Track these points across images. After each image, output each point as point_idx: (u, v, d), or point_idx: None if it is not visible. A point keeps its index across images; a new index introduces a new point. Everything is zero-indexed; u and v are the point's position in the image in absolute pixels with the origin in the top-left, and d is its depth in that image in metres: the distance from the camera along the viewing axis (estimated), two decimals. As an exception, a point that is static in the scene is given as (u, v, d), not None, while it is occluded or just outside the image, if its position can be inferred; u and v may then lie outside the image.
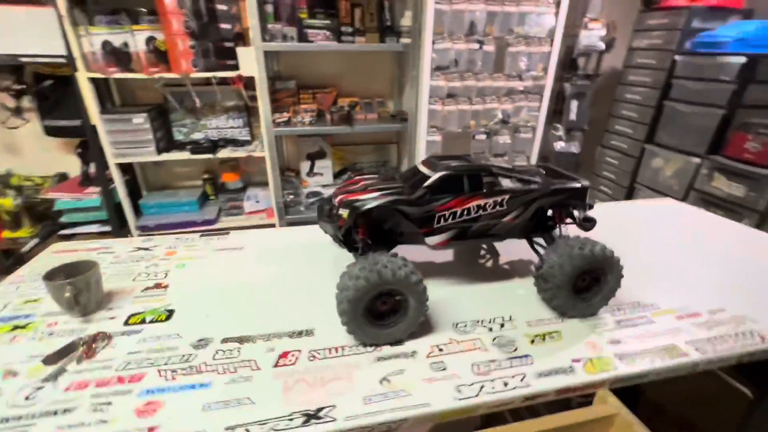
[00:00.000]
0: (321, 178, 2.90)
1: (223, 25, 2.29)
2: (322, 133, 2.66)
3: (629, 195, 2.58)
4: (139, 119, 2.31)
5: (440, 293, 0.96)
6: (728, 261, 1.16)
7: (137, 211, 2.60)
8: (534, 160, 2.82)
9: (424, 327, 0.84)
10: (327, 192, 2.79)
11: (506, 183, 0.93)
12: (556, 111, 2.88)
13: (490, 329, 0.86)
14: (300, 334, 0.83)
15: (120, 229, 2.46)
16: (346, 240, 0.94)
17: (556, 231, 1.01)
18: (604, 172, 2.80)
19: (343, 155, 3.05)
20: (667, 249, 1.23)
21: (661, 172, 2.29)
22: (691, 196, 2.13)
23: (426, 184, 0.87)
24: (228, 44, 2.29)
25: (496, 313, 0.91)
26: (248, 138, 2.68)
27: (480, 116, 2.62)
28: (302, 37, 2.35)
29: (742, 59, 1.90)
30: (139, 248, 1.17)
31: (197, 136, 2.61)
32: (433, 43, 2.28)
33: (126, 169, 2.51)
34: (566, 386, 0.71)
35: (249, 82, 2.33)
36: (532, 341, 0.82)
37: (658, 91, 2.30)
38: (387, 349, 0.79)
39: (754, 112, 1.88)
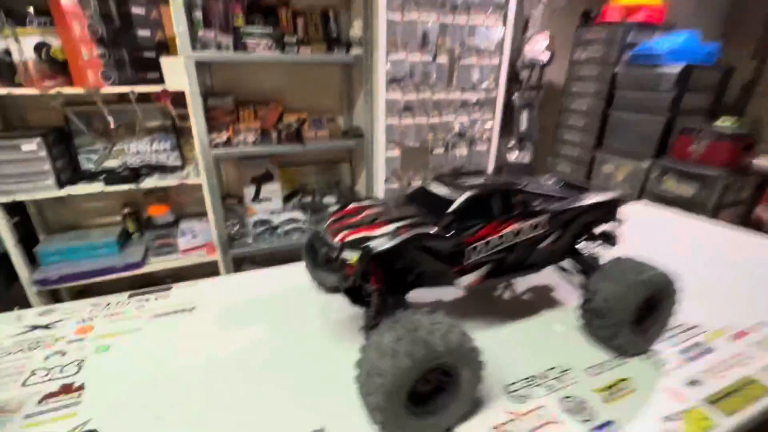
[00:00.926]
0: (269, 204, 2.59)
1: (141, 32, 1.93)
2: (270, 154, 2.37)
3: (583, 201, 2.66)
4: (31, 146, 1.83)
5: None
6: (728, 265, 1.12)
7: (33, 261, 2.06)
8: (489, 172, 2.80)
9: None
10: (277, 219, 2.48)
11: (537, 202, 0.77)
12: (507, 123, 2.91)
13: (550, 388, 0.68)
14: (306, 443, 0.57)
15: (6, 288, 1.91)
16: (350, 290, 0.71)
17: (586, 252, 0.87)
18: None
19: (292, 177, 2.77)
20: (667, 257, 1.16)
21: (613, 177, 2.37)
22: (644, 198, 2.22)
23: (452, 209, 0.68)
24: (148, 54, 1.93)
25: (546, 362, 0.74)
26: (178, 163, 2.29)
27: (437, 130, 2.53)
28: (239, 47, 2.07)
29: (678, 68, 2.03)
30: (34, 326, 0.82)
31: (112, 163, 2.17)
32: (387, 54, 2.15)
33: (14, 209, 1.97)
34: (674, 463, 0.55)
35: (177, 98, 1.97)
36: (605, 398, 0.66)
37: (602, 101, 2.40)
38: (435, 448, 0.57)
39: (692, 118, 2.00)
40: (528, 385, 0.68)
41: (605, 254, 0.86)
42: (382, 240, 0.63)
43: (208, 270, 2.51)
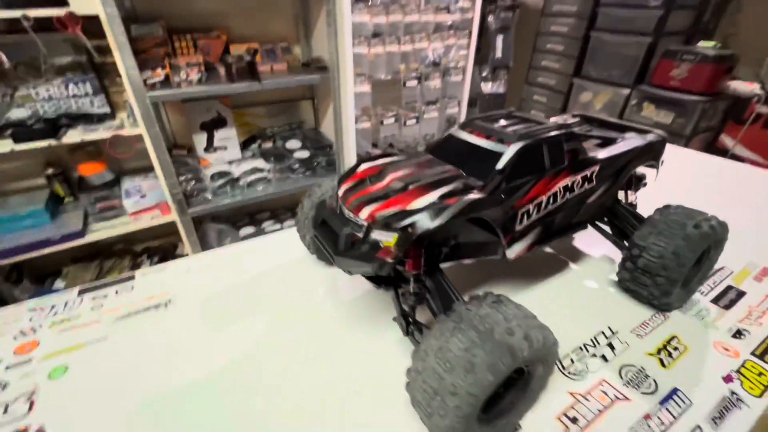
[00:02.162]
0: (225, 153, 2.29)
1: (21, -70, 1.43)
2: (219, 94, 2.03)
3: (558, 132, 2.60)
4: None
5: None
6: (722, 195, 1.11)
7: (-61, 242, 1.71)
8: (464, 104, 2.64)
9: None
10: (237, 169, 2.21)
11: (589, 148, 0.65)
12: (480, 50, 2.69)
13: (604, 358, 0.62)
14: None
15: None
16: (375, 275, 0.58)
17: (625, 201, 0.79)
18: (533, 111, 2.77)
19: (246, 120, 2.45)
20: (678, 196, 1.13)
21: (591, 106, 2.31)
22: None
23: (501, 164, 0.54)
24: (38, -37, 1.46)
25: (590, 327, 0.67)
26: (106, 110, 1.91)
27: (410, 59, 2.28)
28: (164, -46, 1.62)
29: (666, -17, 1.89)
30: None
31: (19, 113, 1.75)
32: (352, -36, 1.80)
33: None
34: (751, 426, 0.52)
35: (91, 27, 1.55)
36: (662, 362, 0.61)
37: (585, 21, 2.23)
38: (506, 452, 0.49)
39: (674, 40, 1.91)
40: (581, 357, 0.62)
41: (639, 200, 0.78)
42: (425, 215, 0.48)
43: (165, 231, 2.26)
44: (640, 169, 0.81)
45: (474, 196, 0.51)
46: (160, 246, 2.43)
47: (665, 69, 1.98)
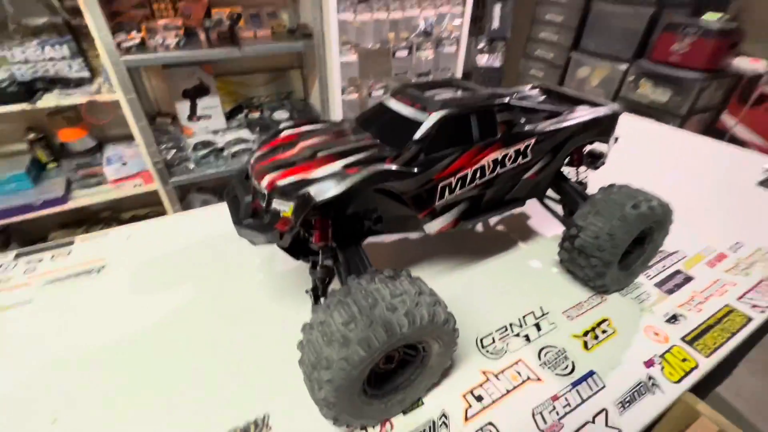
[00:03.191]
0: (209, 122, 2.26)
1: None
2: (198, 60, 1.97)
3: (554, 109, 2.51)
4: None
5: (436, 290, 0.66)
6: (709, 181, 1.06)
7: None
8: (459, 77, 2.54)
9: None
10: (221, 139, 2.18)
11: (524, 120, 0.61)
12: (476, 20, 2.56)
13: (527, 338, 0.60)
14: (248, 432, 0.47)
15: None
16: (291, 245, 0.56)
17: (573, 177, 0.75)
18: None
19: (232, 89, 2.40)
20: (646, 177, 1.08)
21: (587, 82, 2.21)
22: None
23: (419, 135, 0.51)
24: None
25: (523, 306, 0.66)
26: (85, 74, 1.87)
27: (399, 27, 2.18)
28: None
29: (673, -52, 1.75)
30: None
31: (-6, 75, 1.72)
32: None
33: None
34: (659, 414, 0.51)
35: (59, -16, 1.50)
36: (585, 344, 0.60)
37: (586, -10, 2.11)
38: (401, 427, 0.49)
39: (678, 12, 1.79)
40: (504, 335, 0.61)
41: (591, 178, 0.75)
42: (325, 184, 0.46)
43: (151, 200, 2.26)
44: (600, 147, 0.77)
45: (380, 167, 0.48)
46: (148, 214, 2.44)
47: (666, 43, 1.87)
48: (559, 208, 0.77)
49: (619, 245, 0.60)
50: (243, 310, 0.64)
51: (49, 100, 1.71)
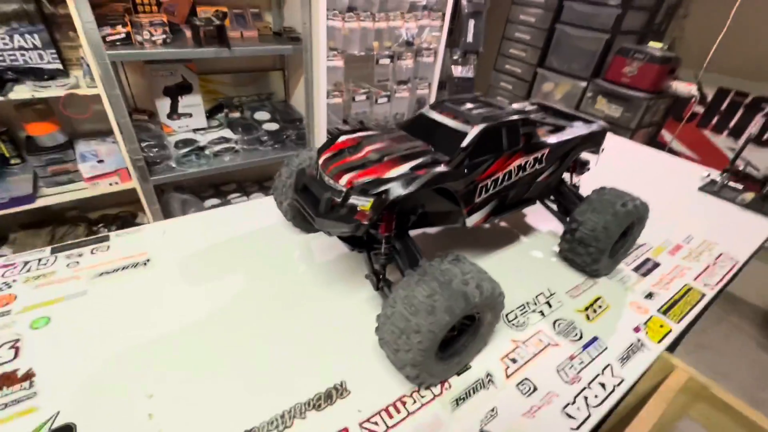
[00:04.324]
0: (190, 120, 2.22)
1: None
2: (185, 58, 1.95)
3: (521, 119, 2.73)
4: None
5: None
6: (660, 186, 1.27)
7: None
8: (435, 86, 2.69)
9: (483, 337, 0.65)
10: (203, 138, 2.16)
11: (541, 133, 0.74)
12: (453, 33, 2.74)
13: (542, 313, 0.73)
14: (329, 399, 0.54)
15: None
16: (349, 238, 0.64)
17: (569, 182, 0.89)
18: (498, 97, 2.88)
19: (214, 88, 2.38)
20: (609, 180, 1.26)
21: (551, 96, 2.44)
22: (574, 117, 2.36)
23: (466, 143, 0.61)
24: None
25: (533, 289, 0.78)
26: (58, 65, 1.79)
27: (383, 36, 2.29)
28: None
29: (625, -16, 2.02)
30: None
31: (-45, 64, 1.61)
32: (329, -68, 1.77)
33: None
34: (649, 365, 0.65)
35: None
36: (588, 317, 0.73)
37: (551, 13, 2.34)
38: (457, 385, 0.58)
39: (628, 39, 2.06)
40: (524, 312, 0.73)
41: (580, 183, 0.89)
42: (398, 184, 0.55)
43: (124, 199, 2.18)
44: (585, 156, 0.92)
45: (441, 169, 0.58)
46: (118, 214, 2.34)
47: (618, 65, 2.14)
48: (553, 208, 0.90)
49: (611, 237, 0.74)
50: (294, 296, 0.70)
51: (23, 91, 1.62)
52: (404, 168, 0.57)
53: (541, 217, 0.99)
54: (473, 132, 0.62)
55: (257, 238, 0.83)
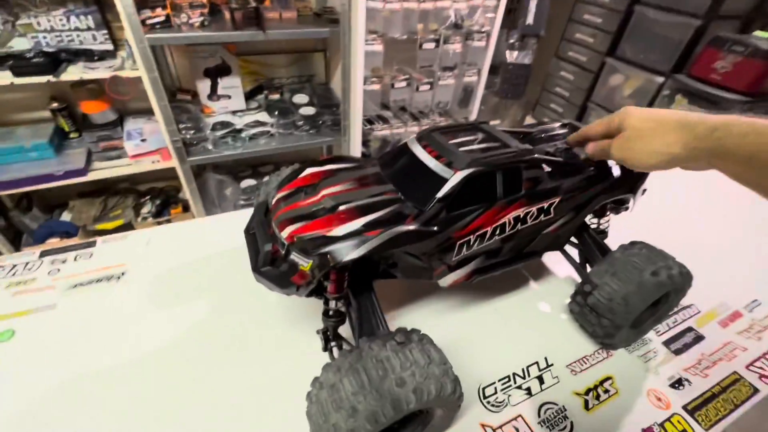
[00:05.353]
0: (229, 102, 2.24)
1: None
2: (222, 41, 1.94)
3: (581, 115, 2.43)
4: None
5: (439, 333, 0.64)
6: (737, 227, 1.03)
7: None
8: (485, 72, 2.46)
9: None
10: (240, 121, 2.18)
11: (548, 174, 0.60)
12: (510, 13, 2.45)
13: (528, 391, 0.61)
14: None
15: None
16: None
17: (595, 227, 0.74)
18: (557, 87, 2.57)
19: (255, 69, 2.37)
20: (666, 222, 1.03)
21: (619, 91, 2.12)
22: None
23: (441, 194, 0.50)
24: None
25: (527, 355, 0.66)
26: (109, 47, 1.87)
27: (429, 18, 2.10)
28: None
29: (732, -44, 1.63)
30: None
31: (21, 44, 1.73)
32: None
33: None
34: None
35: (87, -44, 1.47)
36: (586, 404, 0.60)
37: (631, -8, 1.98)
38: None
39: (730, 25, 1.69)
40: (506, 386, 0.62)
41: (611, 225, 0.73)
42: (344, 245, 0.46)
43: (168, 175, 2.29)
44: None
45: (401, 228, 0.48)
46: (163, 188, 2.48)
47: (709, 59, 1.76)
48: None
49: (632, 312, 0.59)
50: (250, 330, 0.66)
51: (73, 73, 1.71)
52: (357, 224, 0.48)
53: (560, 257, 0.84)
54: (453, 179, 0.51)
55: (240, 254, 0.79)
